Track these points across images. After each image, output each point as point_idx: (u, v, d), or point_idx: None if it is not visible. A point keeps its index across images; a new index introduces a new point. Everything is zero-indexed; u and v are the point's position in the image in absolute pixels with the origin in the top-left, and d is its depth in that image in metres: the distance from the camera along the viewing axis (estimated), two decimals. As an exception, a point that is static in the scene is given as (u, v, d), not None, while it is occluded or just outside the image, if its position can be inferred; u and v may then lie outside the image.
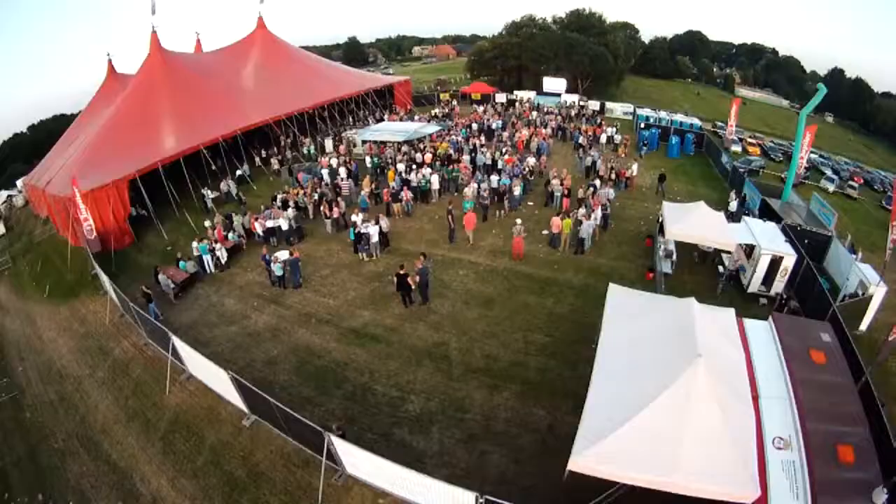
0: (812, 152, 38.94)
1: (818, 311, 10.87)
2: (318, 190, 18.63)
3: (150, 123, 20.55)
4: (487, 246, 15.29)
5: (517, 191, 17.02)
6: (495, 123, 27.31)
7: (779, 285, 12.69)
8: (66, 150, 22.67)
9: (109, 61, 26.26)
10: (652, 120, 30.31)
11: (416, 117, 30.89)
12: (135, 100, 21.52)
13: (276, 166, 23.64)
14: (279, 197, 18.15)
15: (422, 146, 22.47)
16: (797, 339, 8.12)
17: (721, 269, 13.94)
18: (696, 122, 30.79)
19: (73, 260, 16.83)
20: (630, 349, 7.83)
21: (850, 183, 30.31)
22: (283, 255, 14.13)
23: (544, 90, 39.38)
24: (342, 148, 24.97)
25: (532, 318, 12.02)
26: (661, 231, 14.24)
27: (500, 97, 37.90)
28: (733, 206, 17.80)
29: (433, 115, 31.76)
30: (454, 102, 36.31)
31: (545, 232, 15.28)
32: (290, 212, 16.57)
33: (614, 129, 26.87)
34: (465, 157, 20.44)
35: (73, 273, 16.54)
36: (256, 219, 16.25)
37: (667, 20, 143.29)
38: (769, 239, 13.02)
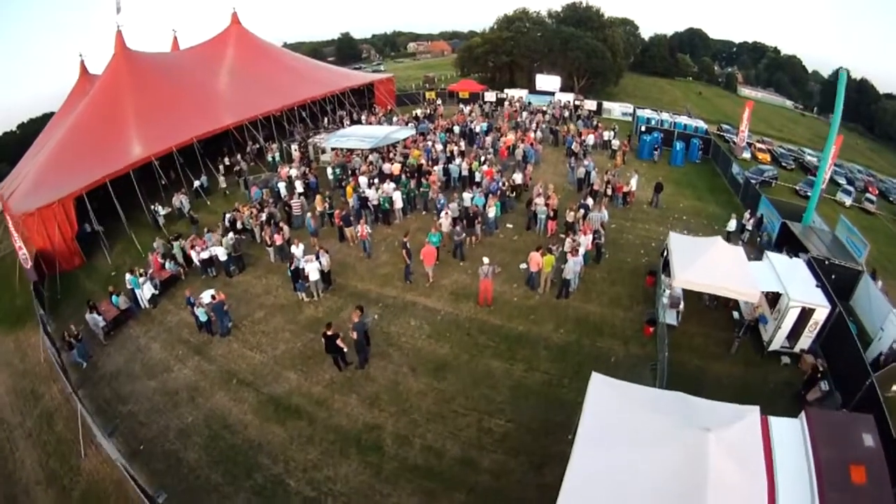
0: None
1: (850, 377, 9.25)
2: (267, 209, 15.83)
3: (110, 131, 18.80)
4: (450, 285, 12.57)
5: (492, 213, 14.19)
6: (479, 126, 24.44)
7: (805, 341, 10.29)
8: (35, 158, 20.90)
9: (82, 62, 24.37)
10: (654, 122, 27.58)
11: (396, 118, 28.02)
12: (95, 106, 19.89)
13: (236, 177, 20.95)
14: (227, 216, 15.74)
15: (391, 154, 19.68)
16: (834, 450, 6.23)
17: (736, 315, 11.35)
18: (702, 124, 28.09)
19: (21, 283, 14.79)
20: (614, 476, 5.37)
21: (868, 196, 27.66)
22: (207, 296, 11.75)
23: (537, 88, 36.70)
24: (298, 153, 22.13)
25: (493, 394, 9.38)
26: (666, 268, 11.58)
27: (490, 96, 35.04)
28: (743, 225, 15.43)
29: (414, 115, 28.89)
30: (439, 102, 33.40)
31: (523, 266, 12.51)
32: (230, 237, 14.09)
33: (612, 133, 24.10)
34: (437, 168, 17.59)
35: (22, 298, 14.46)
36: (193, 246, 13.91)
37: (666, 18, 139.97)
38: (799, 285, 10.44)
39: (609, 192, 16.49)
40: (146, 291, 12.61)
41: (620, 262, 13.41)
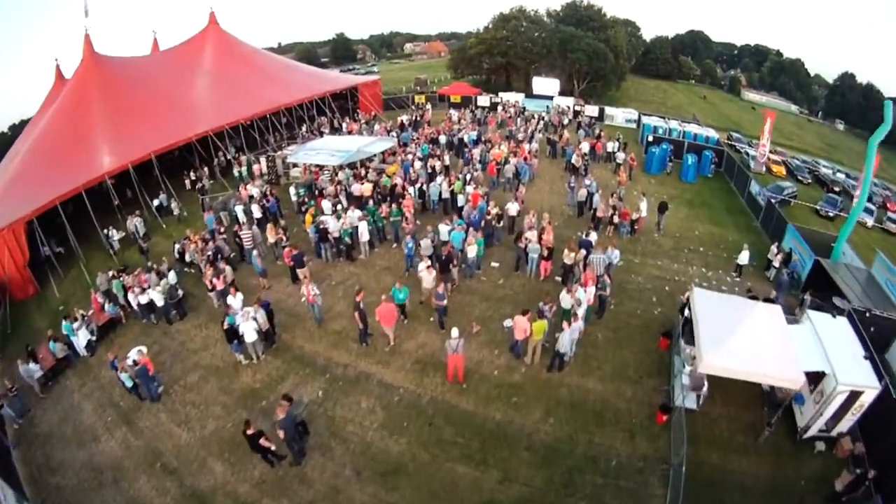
0: (840, 171, 34.02)
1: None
2: (215, 241, 13.42)
3: (70, 147, 17.43)
4: (416, 350, 10.05)
5: (472, 252, 11.71)
6: (468, 136, 22.01)
7: (846, 424, 8.31)
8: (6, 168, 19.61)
9: (57, 67, 22.16)
10: (661, 132, 25.21)
11: (378, 126, 25.56)
12: (59, 118, 18.74)
13: (199, 195, 18.70)
14: (177, 246, 13.85)
15: (366, 170, 17.24)
16: None
17: (766, 386, 9.07)
18: (713, 134, 25.74)
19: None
20: None
21: (889, 215, 25.29)
22: (133, 355, 9.75)
23: (534, 92, 34.31)
24: (258, 168, 19.68)
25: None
26: (686, 330, 9.24)
27: (483, 100, 32.64)
28: (769, 261, 13.29)
29: (400, 122, 26.46)
30: (428, 107, 30.93)
31: (507, 324, 10.12)
32: (167, 281, 11.98)
33: (616, 144, 21.71)
34: (412, 190, 15.10)
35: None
36: (132, 286, 11.89)
37: (665, 20, 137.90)
38: (847, 361, 8.30)
39: (615, 219, 14.07)
40: (82, 338, 11.08)
41: (628, 315, 11.00)
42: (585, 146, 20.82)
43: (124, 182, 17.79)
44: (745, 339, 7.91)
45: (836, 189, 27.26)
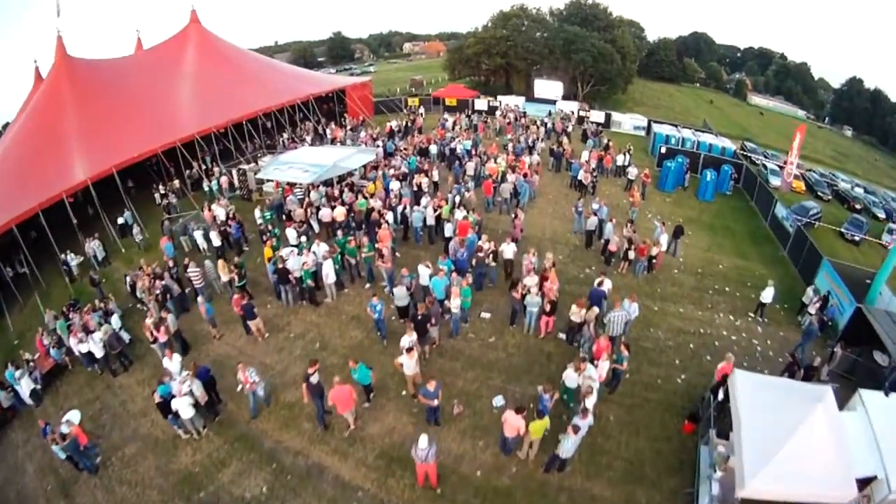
0: (857, 185, 31.77)
1: None
2: (164, 280, 11.34)
3: (37, 158, 16.24)
4: (381, 435, 7.96)
5: (456, 305, 9.41)
6: (461, 146, 19.91)
7: None
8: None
9: (36, 68, 20.30)
10: (674, 141, 23.13)
11: (364, 133, 23.44)
12: (29, 126, 17.62)
13: (165, 213, 16.83)
14: (128, 278, 12.17)
15: (339, 190, 15.13)
16: None
17: None
18: (729, 144, 23.66)
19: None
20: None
21: (920, 235, 23.31)
22: (67, 421, 8.27)
23: (535, 95, 32.27)
24: (227, 181, 17.66)
25: None
26: (717, 418, 7.29)
27: (481, 103, 30.53)
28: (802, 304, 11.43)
29: (389, 128, 24.36)
30: (421, 111, 28.80)
31: (497, 403, 8.09)
32: (114, 321, 10.46)
33: (626, 157, 19.69)
34: (390, 217, 12.97)
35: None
36: (74, 330, 10.30)
37: (664, 22, 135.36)
38: None
39: (631, 254, 12.01)
40: (25, 387, 9.87)
41: (646, 386, 8.97)
42: (593, 160, 18.80)
43: (88, 199, 16.07)
44: (795, 452, 6.02)
45: (858, 207, 25.24)
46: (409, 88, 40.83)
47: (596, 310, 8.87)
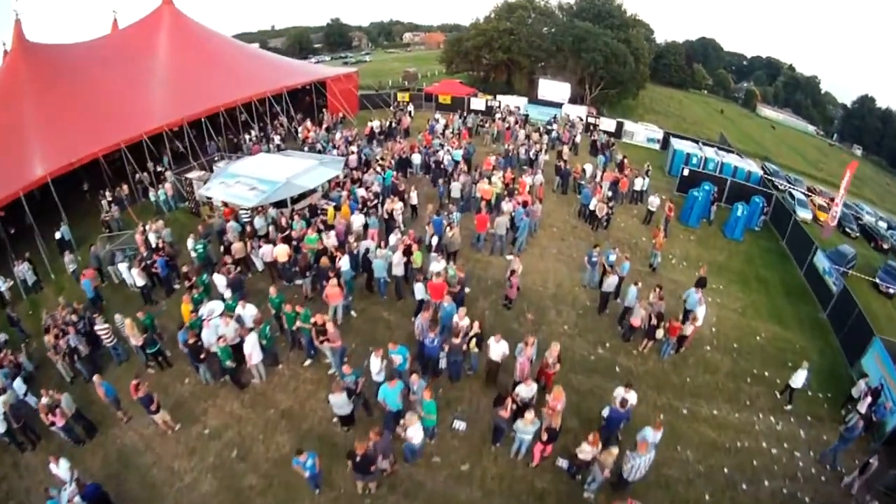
0: (881, 217, 28.89)
1: None
2: (71, 332, 8.33)
3: None
4: None
5: (417, 435, 6.19)
6: (448, 157, 16.69)
7: None
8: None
9: (5, 52, 17.62)
10: (695, 161, 20.14)
11: (339, 134, 20.05)
12: None
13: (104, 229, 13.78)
14: (45, 318, 9.34)
15: (287, 217, 11.76)
16: None
17: None
18: (755, 168, 20.69)
19: None
20: None
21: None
22: None
23: (539, 97, 29.13)
24: (170, 190, 14.40)
25: None
26: None
27: (478, 102, 27.24)
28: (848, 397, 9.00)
29: (370, 129, 21.06)
30: (410, 108, 25.42)
31: None
32: (17, 386, 8.14)
33: (645, 181, 16.70)
34: (345, 261, 9.49)
35: None
36: None
37: (669, 25, 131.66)
38: None
39: (659, 333, 9.01)
40: None
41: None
42: (606, 183, 15.78)
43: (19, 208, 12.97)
44: None
45: (885, 246, 22.49)
46: (401, 81, 37.18)
47: (615, 451, 5.82)
